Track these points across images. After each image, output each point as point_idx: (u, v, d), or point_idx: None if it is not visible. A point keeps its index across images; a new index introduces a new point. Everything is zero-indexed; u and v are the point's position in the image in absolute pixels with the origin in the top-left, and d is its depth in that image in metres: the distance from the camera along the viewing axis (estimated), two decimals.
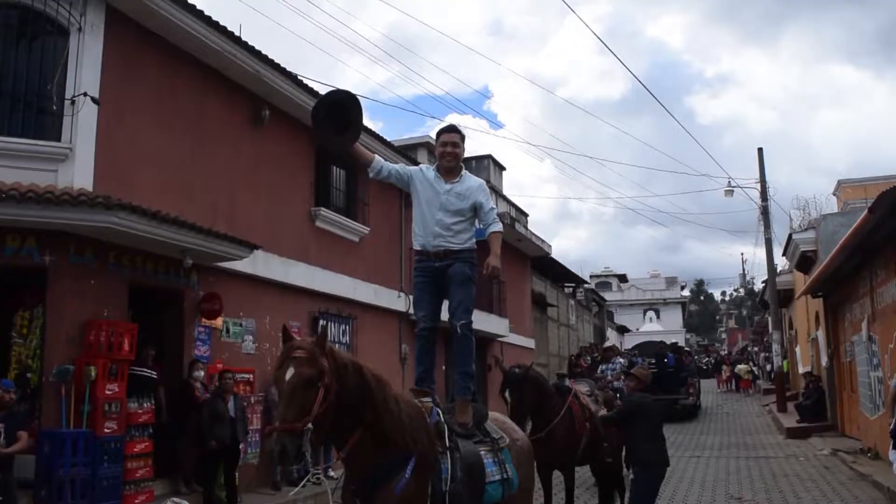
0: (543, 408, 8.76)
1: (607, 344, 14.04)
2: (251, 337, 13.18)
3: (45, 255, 9.87)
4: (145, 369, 10.93)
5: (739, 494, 12.08)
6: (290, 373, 4.30)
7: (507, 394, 8.53)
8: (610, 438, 9.29)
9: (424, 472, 4.67)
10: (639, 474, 7.73)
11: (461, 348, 5.59)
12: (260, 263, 12.96)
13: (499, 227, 5.68)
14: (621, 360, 12.93)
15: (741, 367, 39.84)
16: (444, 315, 5.72)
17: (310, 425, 4.20)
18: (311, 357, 4.35)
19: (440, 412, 5.14)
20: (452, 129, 5.83)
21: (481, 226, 5.74)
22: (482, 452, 5.18)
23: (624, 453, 9.64)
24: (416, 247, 5.79)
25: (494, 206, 5.77)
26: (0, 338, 10.27)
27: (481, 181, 5.86)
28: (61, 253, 9.96)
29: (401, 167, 5.91)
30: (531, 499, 6.09)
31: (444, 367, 16.16)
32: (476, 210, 5.67)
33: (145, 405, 10.52)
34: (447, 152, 5.70)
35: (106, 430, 9.78)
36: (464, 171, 5.78)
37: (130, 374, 10.45)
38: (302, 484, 6.77)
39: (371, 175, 5.83)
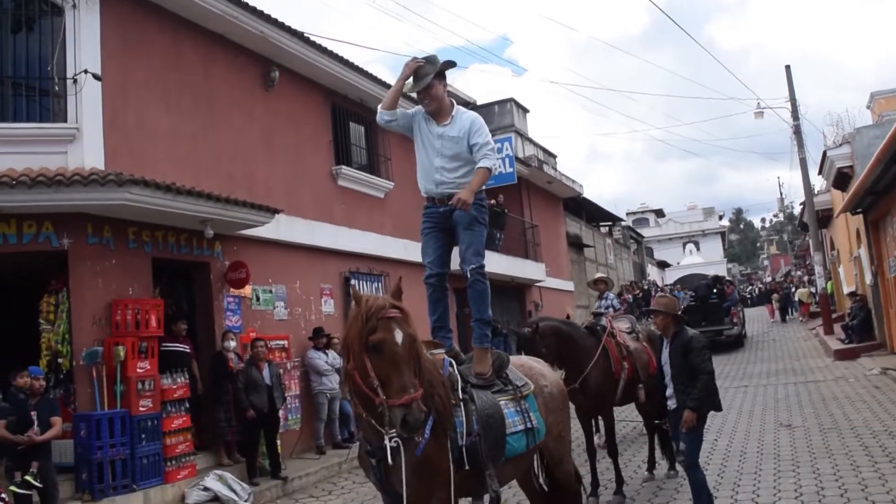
0: (572, 354, 8.46)
1: (597, 275, 13.47)
2: (282, 303, 13.08)
3: (62, 238, 9.76)
4: (177, 344, 10.89)
5: (789, 421, 11.82)
6: (400, 335, 4.16)
7: (522, 352, 8.25)
8: (651, 379, 9.04)
9: (444, 430, 4.50)
10: (700, 423, 6.81)
11: (475, 294, 5.38)
12: (283, 228, 12.80)
13: (487, 163, 5.30)
14: (613, 294, 12.35)
15: (802, 291, 37.09)
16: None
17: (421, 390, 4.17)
18: (406, 316, 4.27)
19: (452, 363, 4.94)
20: (416, 79, 5.40)
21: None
22: (502, 402, 4.99)
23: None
24: (422, 194, 5.57)
25: (490, 142, 5.41)
26: (29, 325, 10.28)
27: (474, 116, 5.50)
28: (79, 235, 9.85)
29: (403, 111, 5.61)
30: (566, 444, 5.90)
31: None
32: (471, 144, 5.36)
33: (179, 380, 10.47)
34: (423, 101, 5.42)
35: (141, 409, 9.74)
36: (455, 110, 5.48)
37: (163, 350, 10.40)
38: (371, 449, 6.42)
39: (381, 122, 5.60)
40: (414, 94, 5.53)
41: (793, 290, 39.75)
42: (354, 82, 15.29)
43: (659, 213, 77.72)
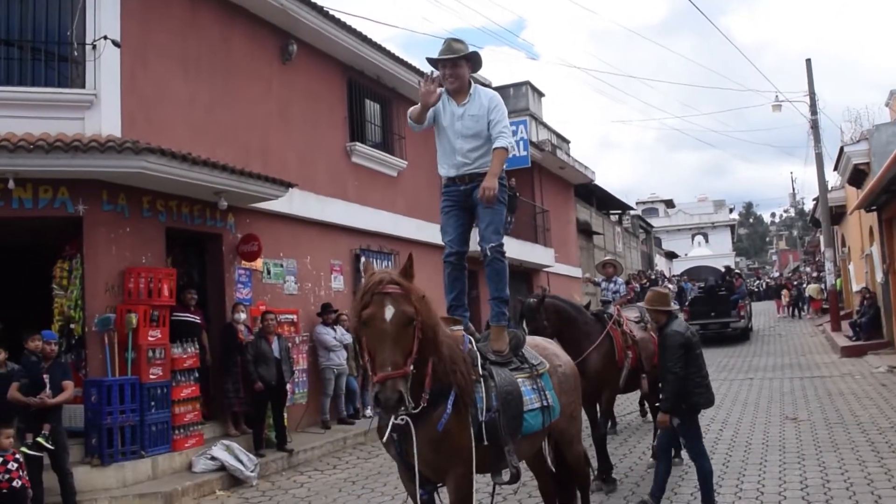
0: (572, 335, 8.44)
1: (606, 258, 13.41)
2: (292, 277, 13.11)
3: (77, 204, 9.79)
4: (188, 314, 10.94)
5: (794, 415, 11.84)
6: (389, 311, 4.08)
7: (524, 324, 8.23)
8: (656, 369, 9.06)
9: (465, 406, 4.49)
10: (689, 418, 6.87)
11: (493, 273, 5.39)
12: (297, 202, 12.81)
13: (503, 142, 5.28)
14: (621, 279, 12.30)
15: (812, 287, 35.67)
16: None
17: (412, 367, 4.08)
18: (407, 292, 4.18)
19: (472, 340, 4.96)
20: (449, 50, 5.39)
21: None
22: (519, 380, 4.99)
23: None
24: (442, 174, 5.57)
25: (506, 121, 5.40)
26: (42, 290, 10.33)
27: (492, 94, 5.50)
28: (94, 202, 9.88)
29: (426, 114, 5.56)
30: (578, 425, 5.92)
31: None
32: (488, 114, 5.36)
33: (190, 350, 10.53)
34: (447, 76, 5.40)
35: (151, 377, 9.81)
36: (473, 88, 5.47)
37: (174, 319, 10.46)
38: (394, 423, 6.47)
39: (414, 129, 5.69)
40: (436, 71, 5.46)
41: (804, 285, 39.30)
42: (372, 58, 15.26)
43: (669, 204, 77.51)
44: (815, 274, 41.49)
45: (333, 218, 14.06)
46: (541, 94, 28.66)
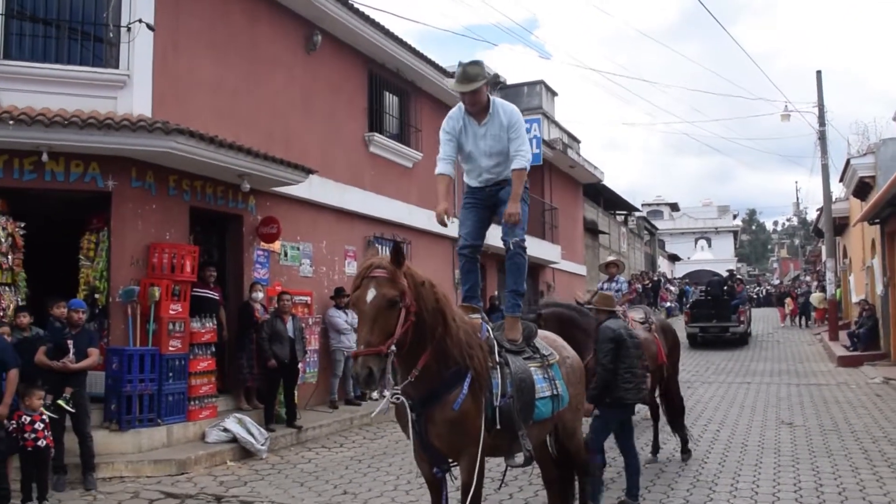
0: (575, 337, 8.63)
1: (610, 258, 13.58)
2: (308, 260, 13.43)
3: (107, 180, 10.12)
4: (208, 291, 11.26)
5: (790, 419, 12.14)
6: (371, 294, 4.33)
7: None
8: (659, 370, 9.38)
9: (480, 388, 4.76)
10: (607, 412, 7.14)
11: (513, 266, 5.67)
12: (316, 188, 13.12)
13: (520, 163, 5.52)
14: (623, 279, 12.51)
15: (816, 296, 34.15)
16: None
17: (393, 347, 4.28)
18: (393, 277, 4.38)
19: (489, 328, 5.23)
20: (466, 78, 5.48)
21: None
22: (532, 368, 5.28)
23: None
24: (467, 182, 5.88)
25: (524, 139, 5.63)
26: (69, 260, 10.65)
27: (510, 109, 5.69)
28: (123, 178, 10.20)
29: (450, 148, 5.77)
30: (581, 417, 6.22)
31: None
32: (508, 132, 5.60)
33: (208, 325, 10.85)
34: (467, 101, 5.59)
35: (171, 349, 10.13)
36: (492, 106, 5.61)
37: (193, 295, 10.77)
38: (385, 402, 6.95)
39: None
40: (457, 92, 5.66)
41: (811, 293, 38.55)
42: (393, 52, 15.54)
43: (674, 207, 77.73)
44: (815, 283, 41.38)
45: (350, 205, 14.38)
46: (554, 94, 28.93)
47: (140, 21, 10.29)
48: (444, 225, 5.42)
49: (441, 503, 5.02)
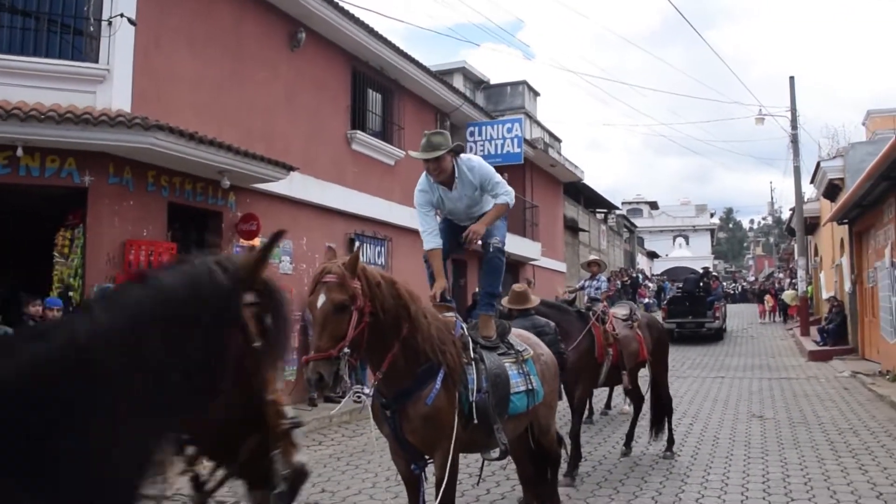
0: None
1: (592, 257, 13.71)
2: (288, 258, 13.50)
3: (84, 175, 10.13)
4: None
5: (761, 412, 12.36)
6: (321, 300, 4.34)
7: None
8: (639, 366, 9.55)
9: (453, 384, 4.85)
10: None
11: (489, 268, 5.79)
12: (297, 185, 13.18)
13: (504, 199, 5.64)
14: (604, 277, 12.65)
15: (788, 293, 34.54)
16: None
17: (346, 349, 4.31)
18: (342, 281, 4.38)
19: (464, 326, 5.33)
20: (430, 147, 5.55)
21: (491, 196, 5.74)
22: (507, 364, 5.36)
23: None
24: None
25: (501, 181, 5.72)
26: (42, 257, 10.65)
27: (476, 166, 5.72)
28: (100, 174, 10.22)
29: (430, 218, 5.81)
30: (554, 413, 6.33)
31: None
32: (483, 189, 5.71)
33: None
34: (432, 170, 5.61)
35: None
36: (458, 172, 5.66)
37: None
38: (343, 402, 7.21)
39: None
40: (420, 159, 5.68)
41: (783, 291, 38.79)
42: (376, 50, 15.65)
43: (653, 206, 78.18)
44: (787, 280, 41.79)
45: (331, 202, 14.46)
46: (536, 94, 29.12)
47: (122, 15, 10.32)
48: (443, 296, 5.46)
49: (418, 502, 5.10)
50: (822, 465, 8.66)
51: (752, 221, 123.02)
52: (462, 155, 5.74)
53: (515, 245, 23.26)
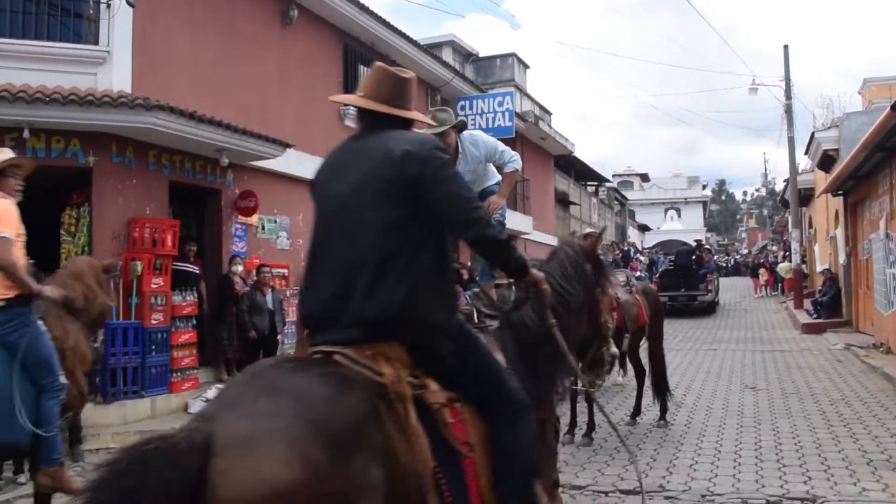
0: None
1: (588, 230, 13.93)
2: (285, 233, 13.66)
3: (88, 155, 10.26)
4: (188, 265, 11.47)
5: (753, 384, 12.59)
6: None
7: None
8: (640, 331, 9.76)
9: None
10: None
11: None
12: (292, 161, 13.29)
13: (513, 166, 5.91)
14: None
15: (783, 266, 34.45)
16: None
17: None
18: None
19: (468, 296, 5.63)
20: (435, 122, 5.68)
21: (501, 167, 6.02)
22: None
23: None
24: None
25: (507, 149, 5.96)
26: (50, 236, 10.78)
27: (479, 139, 5.94)
28: (104, 154, 10.35)
29: None
30: None
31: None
32: (489, 161, 5.94)
33: (189, 298, 11.08)
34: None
35: (153, 322, 10.36)
36: (461, 144, 5.83)
37: (174, 269, 10.97)
38: None
39: None
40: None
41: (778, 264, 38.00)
42: (367, 26, 15.75)
43: (644, 178, 78.27)
44: (781, 253, 41.88)
45: None
46: (526, 66, 29.16)
47: None
48: None
49: None
50: (814, 434, 8.88)
51: (745, 193, 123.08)
52: (465, 133, 5.89)
53: (507, 219, 23.43)
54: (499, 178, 6.11)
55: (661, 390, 9.85)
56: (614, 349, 5.37)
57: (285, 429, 2.20)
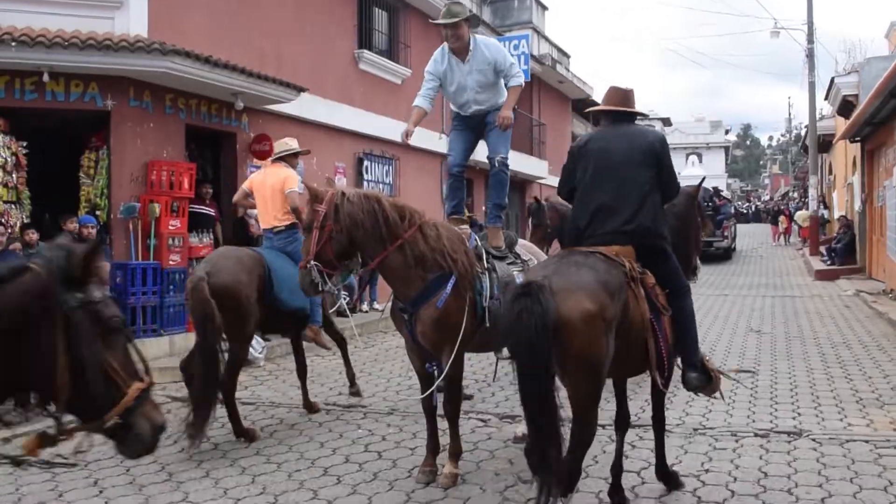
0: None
1: None
2: (300, 178, 13.82)
3: (106, 99, 10.49)
4: (204, 207, 11.74)
5: (759, 327, 12.79)
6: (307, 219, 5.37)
7: (531, 220, 9.60)
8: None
9: (464, 289, 5.36)
10: None
11: (496, 182, 6.35)
12: (306, 106, 13.47)
13: (518, 80, 6.25)
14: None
15: (801, 214, 33.35)
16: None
17: (312, 262, 5.08)
18: (311, 202, 5.24)
19: (477, 238, 5.87)
20: (449, 14, 6.16)
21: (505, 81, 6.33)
22: (515, 272, 5.87)
23: None
24: (454, 109, 6.54)
25: (514, 62, 6.33)
26: (70, 178, 11.10)
27: (492, 44, 6.36)
28: (121, 97, 10.56)
29: (431, 87, 6.43)
30: None
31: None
32: (498, 71, 6.22)
33: (205, 240, 11.38)
34: (450, 37, 6.18)
35: (171, 263, 10.67)
36: (473, 44, 6.21)
37: (191, 211, 11.26)
38: (334, 308, 8.33)
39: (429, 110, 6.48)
40: (441, 25, 6.24)
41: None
42: None
43: (666, 122, 77.18)
44: (802, 200, 41.50)
45: (340, 122, 14.76)
46: (545, 8, 28.83)
47: None
48: (405, 140, 6.29)
49: (431, 396, 5.60)
50: (810, 375, 9.11)
51: (770, 138, 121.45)
52: (479, 36, 6.34)
53: (522, 163, 23.48)
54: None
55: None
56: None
57: (588, 284, 4.11)
